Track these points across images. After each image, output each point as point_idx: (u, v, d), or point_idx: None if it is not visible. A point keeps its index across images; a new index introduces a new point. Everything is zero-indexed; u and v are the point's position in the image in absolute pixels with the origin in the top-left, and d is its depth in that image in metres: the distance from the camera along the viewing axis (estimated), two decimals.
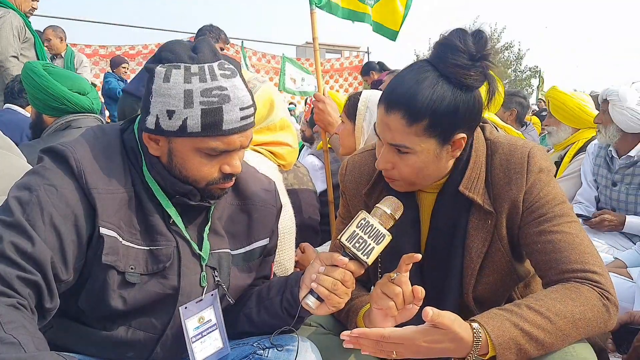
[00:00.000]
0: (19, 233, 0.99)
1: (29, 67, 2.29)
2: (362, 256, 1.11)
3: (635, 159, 2.58)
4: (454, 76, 1.16)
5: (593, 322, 1.09)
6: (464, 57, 1.15)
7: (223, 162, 1.15)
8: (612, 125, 2.63)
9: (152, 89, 1.11)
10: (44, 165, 1.09)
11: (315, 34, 2.71)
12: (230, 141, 1.13)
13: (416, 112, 1.16)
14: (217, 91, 1.09)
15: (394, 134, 1.20)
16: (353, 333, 1.05)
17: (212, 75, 1.10)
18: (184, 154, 1.13)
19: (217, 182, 1.17)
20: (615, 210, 2.71)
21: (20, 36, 3.89)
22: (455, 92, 1.16)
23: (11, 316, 0.91)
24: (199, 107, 1.08)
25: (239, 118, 1.12)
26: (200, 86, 1.09)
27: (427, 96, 1.15)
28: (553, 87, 3.34)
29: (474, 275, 1.28)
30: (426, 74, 1.18)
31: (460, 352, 1.03)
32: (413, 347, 1.02)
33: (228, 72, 1.13)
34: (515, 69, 25.96)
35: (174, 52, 1.12)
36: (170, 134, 1.11)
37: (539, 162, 1.25)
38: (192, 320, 1.20)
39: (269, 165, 1.96)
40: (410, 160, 1.21)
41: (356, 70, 11.73)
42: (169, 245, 1.17)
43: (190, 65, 1.10)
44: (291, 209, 2.05)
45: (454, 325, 1.00)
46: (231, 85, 1.11)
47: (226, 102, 1.10)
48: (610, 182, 2.70)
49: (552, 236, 1.19)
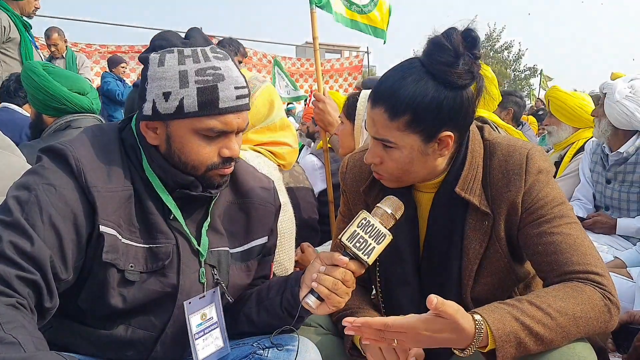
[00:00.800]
0: (18, 232, 0.99)
1: (29, 67, 2.28)
2: (363, 256, 1.11)
3: (625, 156, 2.55)
4: (439, 73, 1.17)
5: (594, 321, 1.09)
6: (450, 54, 1.16)
7: (222, 145, 1.16)
8: (605, 120, 2.60)
9: (147, 76, 1.13)
10: (42, 165, 1.09)
11: (315, 33, 2.71)
12: (227, 120, 1.14)
13: (397, 107, 1.17)
14: (211, 70, 1.12)
15: (377, 128, 1.21)
16: (356, 322, 1.05)
17: (205, 56, 1.13)
18: (182, 138, 1.14)
19: (217, 167, 1.18)
20: (609, 208, 2.69)
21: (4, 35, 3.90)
22: (439, 89, 1.17)
23: (11, 316, 0.90)
24: (194, 86, 1.10)
25: (234, 97, 1.14)
26: (194, 66, 1.11)
27: (409, 91, 1.16)
28: (553, 86, 3.34)
29: (472, 276, 1.28)
30: (412, 70, 1.19)
31: (461, 343, 1.02)
32: (415, 336, 1.02)
33: (220, 55, 1.16)
34: (515, 68, 25.98)
35: (166, 39, 1.15)
36: (168, 117, 1.12)
37: (537, 163, 1.24)
38: (195, 316, 1.20)
39: (269, 165, 1.96)
40: (394, 155, 1.22)
41: (356, 70, 11.72)
42: (169, 243, 1.17)
43: (183, 49, 1.13)
44: (291, 209, 2.05)
45: (457, 315, 1.00)
46: (224, 66, 1.14)
47: (221, 81, 1.12)
48: (605, 180, 2.68)
49: (552, 237, 1.18)
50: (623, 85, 2.52)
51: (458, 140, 1.25)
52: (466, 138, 1.28)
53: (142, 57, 1.15)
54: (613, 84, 2.54)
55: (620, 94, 2.48)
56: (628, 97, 2.48)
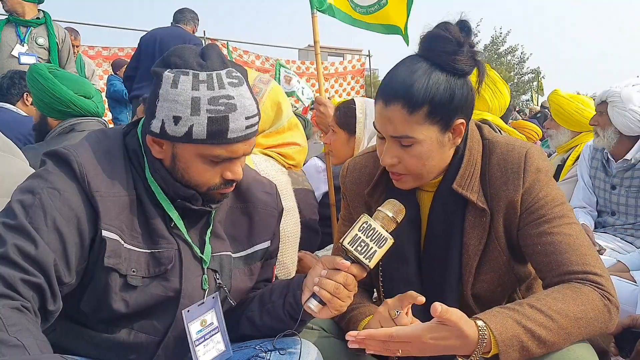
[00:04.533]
0: (22, 236, 0.99)
1: (35, 69, 2.29)
2: (365, 260, 1.11)
3: (633, 162, 2.54)
4: (445, 63, 1.19)
5: (594, 321, 1.09)
6: (452, 44, 1.18)
7: (225, 168, 1.17)
8: (611, 128, 2.58)
9: (159, 94, 1.11)
10: (46, 169, 1.10)
11: (316, 37, 2.72)
12: (234, 149, 1.14)
13: (415, 100, 1.18)
14: (224, 100, 1.10)
15: (395, 126, 1.21)
16: (360, 335, 1.05)
17: (220, 83, 1.11)
18: (187, 160, 1.14)
19: (219, 188, 1.19)
20: (615, 213, 2.68)
21: None
22: (449, 78, 1.19)
23: (15, 319, 0.91)
24: (205, 114, 1.09)
25: (244, 127, 1.13)
26: (207, 94, 1.10)
27: (423, 84, 1.18)
28: (555, 90, 3.33)
29: (472, 272, 1.28)
30: (418, 64, 1.21)
31: (465, 349, 1.03)
32: (419, 344, 1.02)
33: (235, 81, 1.14)
34: (518, 72, 25.96)
35: (182, 58, 1.12)
36: (175, 139, 1.12)
37: (536, 162, 1.25)
38: (194, 324, 1.20)
39: (278, 170, 1.94)
40: (414, 151, 1.22)
41: (358, 73, 11.72)
42: (171, 248, 1.17)
43: (199, 73, 1.11)
44: (297, 214, 2.03)
45: (461, 322, 1.00)
46: (238, 94, 1.12)
47: (233, 111, 1.11)
48: (609, 186, 2.67)
49: (552, 238, 1.19)
50: (629, 91, 2.50)
51: (466, 128, 1.27)
52: (465, 134, 1.29)
53: (155, 72, 1.13)
54: (620, 92, 2.52)
55: (637, 102, 2.47)
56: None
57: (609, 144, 2.62)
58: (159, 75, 1.12)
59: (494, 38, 25.23)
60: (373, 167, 1.42)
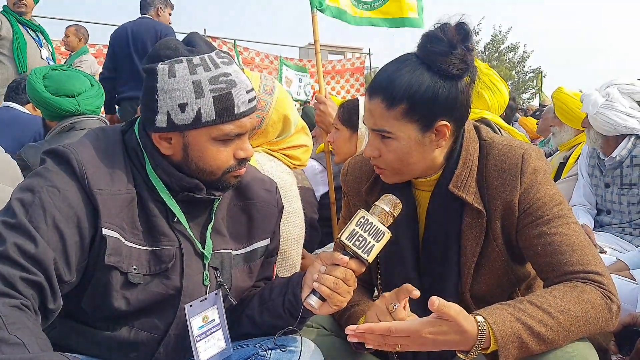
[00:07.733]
0: (22, 234, 1.00)
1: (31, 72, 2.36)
2: (363, 254, 1.12)
3: (619, 160, 2.54)
4: (433, 63, 1.19)
5: (595, 320, 1.09)
6: (444, 45, 1.18)
7: (237, 147, 1.19)
8: (592, 130, 2.61)
9: (157, 87, 1.12)
10: (46, 167, 1.10)
11: (316, 36, 2.72)
12: (242, 124, 1.16)
13: (394, 96, 1.19)
14: (223, 77, 1.13)
15: (375, 119, 1.23)
16: (359, 329, 1.05)
17: (214, 63, 1.14)
18: (200, 145, 1.15)
19: (234, 169, 1.20)
20: (610, 212, 2.68)
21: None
22: (434, 78, 1.19)
23: (15, 317, 0.91)
24: (210, 95, 1.11)
25: (247, 100, 1.16)
26: (206, 75, 1.12)
27: (405, 81, 1.19)
28: (559, 88, 3.32)
29: (470, 273, 1.28)
30: (407, 62, 1.22)
31: (464, 344, 1.03)
32: (418, 339, 1.03)
33: (226, 60, 1.17)
34: (519, 70, 25.91)
35: (170, 48, 1.14)
36: (185, 128, 1.13)
37: (533, 162, 1.24)
38: (196, 319, 1.20)
39: (282, 170, 1.93)
40: (392, 146, 1.23)
41: (358, 71, 11.70)
42: (172, 246, 1.18)
43: (192, 57, 1.13)
44: (302, 216, 2.01)
45: (459, 317, 1.00)
46: (233, 71, 1.16)
47: (234, 87, 1.14)
48: (604, 184, 2.68)
49: (552, 238, 1.19)
50: (598, 95, 2.52)
51: (454, 132, 1.26)
52: (462, 135, 1.29)
53: (147, 69, 1.14)
54: (588, 96, 2.54)
55: (594, 106, 2.49)
56: (605, 106, 2.47)
57: (595, 144, 2.64)
58: (152, 70, 1.12)
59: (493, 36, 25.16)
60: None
